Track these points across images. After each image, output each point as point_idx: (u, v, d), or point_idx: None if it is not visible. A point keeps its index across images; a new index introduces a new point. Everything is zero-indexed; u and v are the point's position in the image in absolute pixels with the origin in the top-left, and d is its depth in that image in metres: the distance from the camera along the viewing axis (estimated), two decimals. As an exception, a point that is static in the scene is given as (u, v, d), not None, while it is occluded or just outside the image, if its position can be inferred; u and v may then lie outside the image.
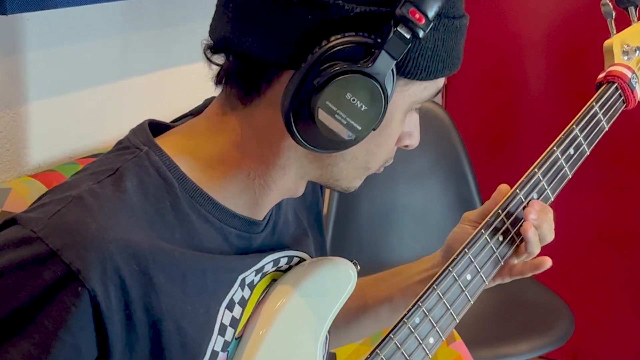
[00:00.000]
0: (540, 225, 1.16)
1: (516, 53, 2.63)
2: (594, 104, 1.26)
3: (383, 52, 0.86)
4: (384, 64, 0.87)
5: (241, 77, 0.93)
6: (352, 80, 0.86)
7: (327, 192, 1.26)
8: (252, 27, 0.89)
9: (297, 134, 0.89)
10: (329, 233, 2.26)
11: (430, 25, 0.87)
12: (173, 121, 1.06)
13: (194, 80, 1.82)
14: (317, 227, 1.21)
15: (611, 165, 2.59)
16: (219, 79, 0.97)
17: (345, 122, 0.88)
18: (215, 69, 0.97)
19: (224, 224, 0.97)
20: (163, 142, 0.97)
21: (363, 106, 0.87)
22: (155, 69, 1.74)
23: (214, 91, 0.99)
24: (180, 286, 0.91)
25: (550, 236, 1.18)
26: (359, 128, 0.89)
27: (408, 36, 0.86)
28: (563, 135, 1.22)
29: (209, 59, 0.96)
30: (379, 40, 0.86)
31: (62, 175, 1.41)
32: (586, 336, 2.63)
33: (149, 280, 0.88)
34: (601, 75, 1.29)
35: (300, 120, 0.88)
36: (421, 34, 0.86)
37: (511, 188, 1.21)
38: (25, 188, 1.35)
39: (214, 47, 0.95)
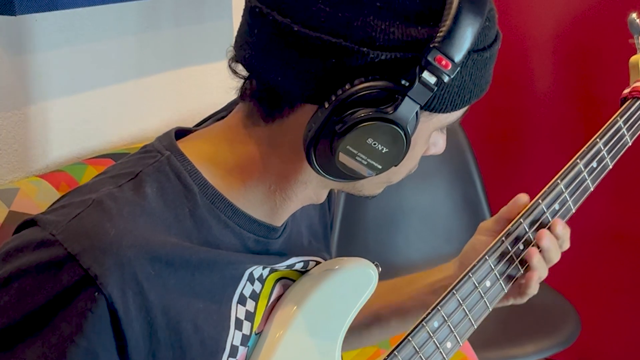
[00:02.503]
0: (549, 249, 1.17)
1: (524, 54, 2.63)
2: (618, 118, 1.26)
3: (407, 98, 0.85)
4: (408, 109, 0.85)
5: (264, 101, 0.93)
6: (374, 126, 0.85)
7: (334, 192, 1.27)
8: (276, 61, 0.88)
9: (318, 167, 0.89)
10: (336, 234, 2.26)
11: (458, 69, 0.85)
12: (197, 125, 1.06)
13: (207, 81, 1.82)
14: (324, 243, 1.22)
15: (619, 167, 2.58)
16: (242, 95, 0.96)
17: (365, 163, 0.88)
18: (238, 79, 0.96)
19: (243, 229, 0.98)
20: (185, 146, 0.97)
21: (384, 149, 0.87)
22: (168, 69, 1.74)
23: (226, 92, 0.99)
24: (189, 285, 0.92)
25: (555, 258, 1.19)
26: (380, 167, 0.88)
27: (433, 81, 0.84)
28: (586, 148, 1.22)
29: (233, 71, 0.95)
30: (403, 84, 0.85)
31: (70, 176, 1.41)
32: (592, 338, 2.63)
33: (164, 284, 0.89)
34: (626, 91, 1.30)
35: (321, 156, 0.88)
36: (447, 79, 0.84)
37: (522, 192, 1.21)
38: (33, 188, 1.35)
39: (238, 62, 0.94)
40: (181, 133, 1.02)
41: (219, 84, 1.89)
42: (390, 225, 2.38)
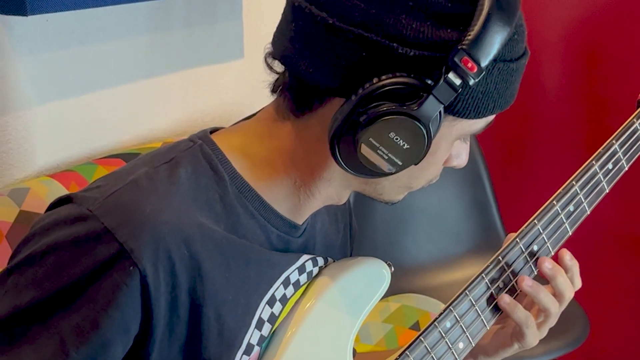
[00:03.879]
0: (554, 276, 1.14)
1: (535, 56, 2.62)
2: (635, 120, 1.26)
3: (431, 96, 0.87)
4: (431, 107, 0.87)
5: (295, 94, 0.95)
6: (397, 121, 0.87)
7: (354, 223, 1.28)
8: (310, 53, 0.91)
9: (340, 160, 0.91)
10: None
11: (483, 73, 0.87)
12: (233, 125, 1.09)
13: (218, 81, 1.83)
14: (344, 246, 1.22)
15: (630, 169, 2.57)
16: (274, 88, 0.99)
17: (386, 158, 0.89)
18: (272, 74, 0.99)
19: (268, 222, 1.00)
20: (217, 138, 1.00)
21: (405, 145, 0.89)
22: (179, 69, 1.75)
23: (236, 92, 1.00)
24: (224, 274, 0.94)
25: (568, 292, 1.15)
26: (400, 163, 0.90)
27: (458, 83, 0.86)
28: (602, 149, 1.22)
29: (269, 66, 0.98)
30: (428, 83, 0.87)
31: (81, 176, 1.42)
32: (601, 339, 2.62)
33: (197, 265, 0.91)
34: None
35: (344, 148, 0.90)
36: (472, 82, 0.86)
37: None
38: (43, 188, 1.36)
39: (274, 57, 0.97)
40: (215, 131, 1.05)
41: (229, 84, 1.90)
42: (399, 226, 2.37)
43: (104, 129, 1.60)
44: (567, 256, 1.16)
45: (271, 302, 1.00)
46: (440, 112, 0.89)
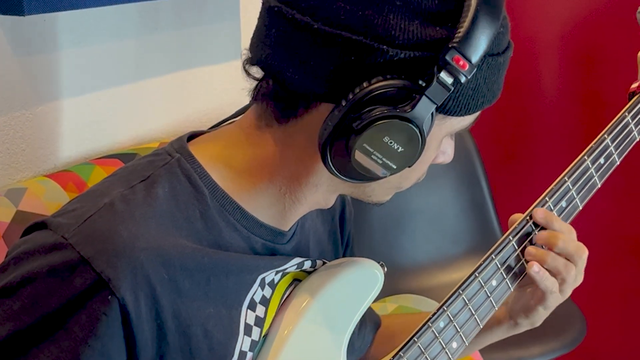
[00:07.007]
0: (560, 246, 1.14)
1: (531, 56, 2.63)
2: (626, 114, 1.26)
3: (424, 97, 0.85)
4: (424, 108, 0.86)
5: (279, 101, 0.93)
6: (391, 124, 0.86)
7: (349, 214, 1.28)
8: (294, 59, 0.89)
9: (332, 167, 0.89)
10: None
11: (474, 70, 0.86)
12: (211, 128, 1.07)
13: (214, 82, 1.82)
14: (334, 239, 1.21)
15: (625, 168, 2.56)
16: (255, 96, 0.96)
17: (381, 162, 0.88)
18: (251, 81, 0.96)
19: (251, 233, 0.98)
20: (196, 149, 0.98)
21: (400, 148, 0.87)
22: (170, 70, 1.75)
23: (232, 93, 0.99)
24: (204, 289, 0.92)
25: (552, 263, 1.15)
26: (394, 167, 0.89)
27: (450, 82, 0.85)
28: (594, 144, 1.22)
29: (247, 72, 0.95)
30: (420, 84, 0.86)
31: (78, 176, 1.42)
32: (598, 340, 2.62)
33: (176, 287, 0.89)
34: (634, 85, 1.29)
35: (336, 155, 0.88)
36: (464, 79, 0.85)
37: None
38: (40, 188, 1.36)
39: (253, 64, 0.95)
40: (194, 137, 1.02)
41: (226, 85, 1.90)
42: (397, 227, 2.38)
43: (102, 129, 1.60)
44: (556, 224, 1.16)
45: (252, 306, 0.98)
46: (432, 113, 0.88)
